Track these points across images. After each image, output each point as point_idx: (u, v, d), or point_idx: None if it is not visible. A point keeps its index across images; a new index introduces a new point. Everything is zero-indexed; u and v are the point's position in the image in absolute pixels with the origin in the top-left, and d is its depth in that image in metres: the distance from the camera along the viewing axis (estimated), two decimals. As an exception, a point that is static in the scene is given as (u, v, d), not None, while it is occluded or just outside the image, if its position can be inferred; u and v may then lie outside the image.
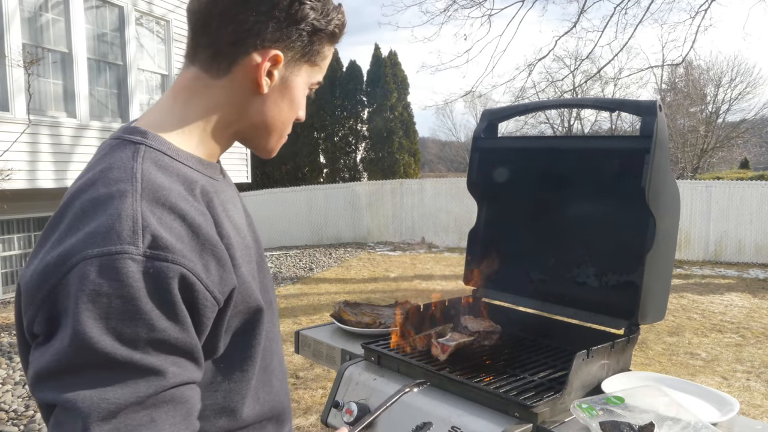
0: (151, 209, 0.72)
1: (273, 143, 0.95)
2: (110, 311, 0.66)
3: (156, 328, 0.68)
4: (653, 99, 1.62)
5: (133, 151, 0.80)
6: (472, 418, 1.36)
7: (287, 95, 0.90)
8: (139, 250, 0.68)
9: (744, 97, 22.73)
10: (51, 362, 0.67)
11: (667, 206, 1.62)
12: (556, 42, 9.60)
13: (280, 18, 0.84)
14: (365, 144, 19.37)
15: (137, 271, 0.67)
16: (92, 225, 0.70)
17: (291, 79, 0.89)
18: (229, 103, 0.88)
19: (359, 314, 2.05)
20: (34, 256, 0.75)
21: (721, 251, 10.94)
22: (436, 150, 42.85)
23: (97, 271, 0.66)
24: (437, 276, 9.48)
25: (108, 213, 0.70)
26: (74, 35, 7.57)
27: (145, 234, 0.69)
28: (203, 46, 0.86)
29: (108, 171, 0.77)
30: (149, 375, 0.68)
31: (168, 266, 0.69)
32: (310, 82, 0.93)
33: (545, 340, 1.84)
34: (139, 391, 0.67)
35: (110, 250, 0.67)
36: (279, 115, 0.91)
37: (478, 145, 2.02)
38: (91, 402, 0.65)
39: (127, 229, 0.69)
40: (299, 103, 0.93)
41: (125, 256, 0.67)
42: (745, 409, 4.19)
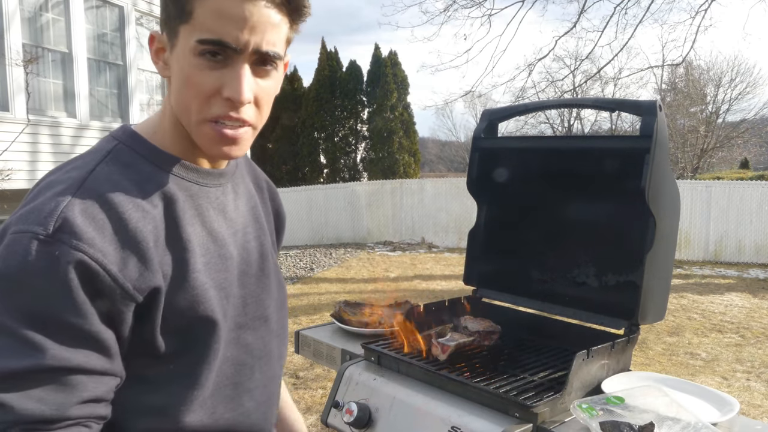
0: (82, 198, 0.74)
1: (195, 134, 0.83)
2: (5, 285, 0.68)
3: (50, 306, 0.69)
4: (653, 99, 1.62)
5: (106, 149, 0.83)
6: (472, 418, 1.36)
7: (178, 74, 0.81)
8: (46, 231, 0.70)
9: (744, 97, 22.77)
10: None
11: (667, 206, 1.62)
12: (556, 42, 9.61)
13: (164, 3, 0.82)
14: (365, 144, 19.37)
15: (36, 249, 0.69)
16: (29, 206, 0.74)
17: (174, 54, 0.81)
18: (168, 96, 0.88)
19: (359, 314, 2.05)
20: None
21: (721, 251, 10.94)
22: (436, 150, 42.85)
23: (6, 245, 0.70)
24: (437, 276, 9.48)
25: (44, 197, 0.74)
26: (74, 35, 7.57)
27: (58, 218, 0.71)
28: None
29: (73, 161, 0.82)
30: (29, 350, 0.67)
31: (68, 250, 0.70)
32: (190, 45, 0.78)
33: (545, 340, 1.83)
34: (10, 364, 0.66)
35: (21, 229, 0.71)
36: (178, 98, 0.82)
37: (478, 145, 2.02)
38: None
39: (45, 212, 0.72)
40: (191, 77, 0.79)
41: (30, 234, 0.70)
42: (745, 409, 4.19)
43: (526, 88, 10.66)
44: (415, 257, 11.34)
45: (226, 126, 0.81)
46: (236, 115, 0.81)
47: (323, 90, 18.43)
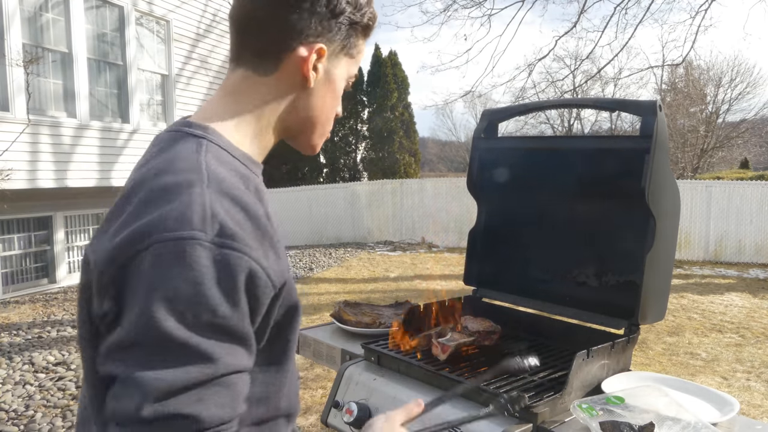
0: (218, 199, 0.75)
1: (317, 138, 0.99)
2: (177, 294, 0.68)
3: (218, 314, 0.70)
4: (653, 99, 1.61)
5: (196, 144, 0.83)
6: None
7: (330, 88, 0.95)
8: (208, 237, 0.71)
9: (744, 97, 22.76)
10: (119, 338, 0.70)
11: (667, 206, 1.62)
12: (556, 42, 9.60)
13: (321, 13, 0.89)
14: (365, 144, 19.37)
15: (206, 257, 0.70)
16: (164, 210, 0.72)
17: (333, 72, 0.94)
18: (277, 99, 0.92)
19: (359, 314, 2.05)
20: (101, 236, 0.78)
21: (721, 251, 10.94)
22: (436, 150, 42.83)
23: (168, 254, 0.69)
24: (437, 276, 9.48)
25: (179, 200, 0.73)
26: (74, 35, 7.57)
27: (214, 222, 0.72)
28: (249, 47, 0.91)
29: (174, 161, 0.80)
30: (204, 361, 0.70)
31: (236, 255, 0.72)
32: (349, 74, 0.97)
33: (545, 340, 1.84)
34: (191, 376, 0.69)
35: (182, 235, 0.70)
36: (324, 107, 0.96)
37: (478, 145, 2.02)
38: (149, 382, 0.67)
39: (197, 216, 0.72)
40: (339, 95, 0.98)
41: (195, 241, 0.70)
42: (745, 409, 4.19)
43: (526, 88, 10.64)
44: (415, 257, 11.34)
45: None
46: None
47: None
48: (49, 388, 4.46)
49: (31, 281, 8.04)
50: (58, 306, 7.11)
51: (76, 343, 4.69)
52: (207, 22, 10.21)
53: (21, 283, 7.89)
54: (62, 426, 3.85)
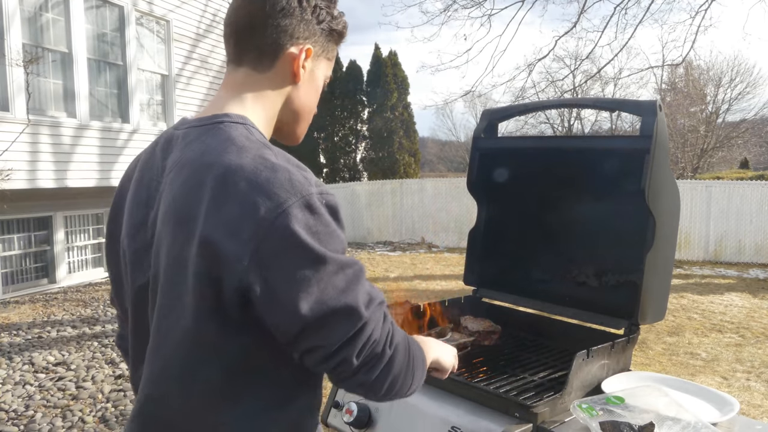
0: (291, 164, 0.91)
1: (301, 129, 1.14)
2: (321, 235, 0.87)
3: (342, 239, 0.92)
4: (653, 99, 1.61)
5: (245, 129, 0.97)
6: (472, 418, 1.36)
7: (314, 85, 1.10)
8: (316, 190, 0.89)
9: (744, 97, 22.76)
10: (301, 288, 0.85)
11: (667, 206, 1.62)
12: (556, 42, 9.61)
13: (308, 19, 1.04)
14: (365, 144, 19.37)
15: (321, 204, 0.88)
16: (275, 179, 0.87)
17: (316, 71, 1.09)
18: (274, 92, 1.06)
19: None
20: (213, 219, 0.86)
21: (721, 251, 10.94)
22: (436, 150, 42.81)
23: (301, 210, 0.86)
24: (437, 276, 9.48)
25: (278, 169, 0.88)
26: (74, 35, 7.57)
27: (310, 179, 0.90)
28: (249, 49, 1.04)
29: (239, 140, 0.93)
30: (358, 267, 0.92)
31: (331, 197, 0.91)
32: (326, 75, 1.13)
33: (545, 340, 1.84)
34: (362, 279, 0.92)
35: (303, 194, 0.87)
36: (308, 102, 1.11)
37: (478, 145, 2.02)
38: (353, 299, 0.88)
39: (301, 178, 0.88)
40: (320, 93, 1.13)
41: (313, 196, 0.88)
42: (745, 409, 4.19)
43: (526, 88, 10.68)
44: (415, 257, 11.34)
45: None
46: None
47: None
48: (49, 388, 4.46)
49: (31, 281, 8.04)
50: (58, 306, 7.11)
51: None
52: (207, 22, 10.21)
53: (21, 283, 7.89)
54: (62, 426, 3.84)
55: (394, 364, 0.93)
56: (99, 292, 7.90)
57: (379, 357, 0.91)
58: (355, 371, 0.89)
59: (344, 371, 0.89)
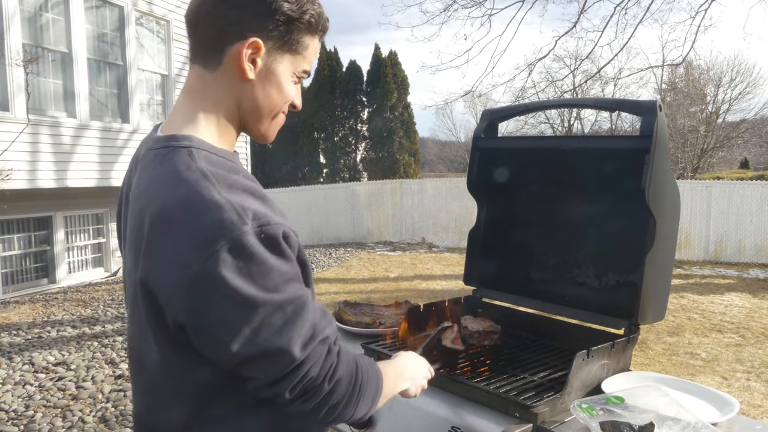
0: (232, 194, 0.87)
1: (265, 127, 1.04)
2: (255, 276, 0.83)
3: (284, 273, 0.87)
4: (653, 99, 1.61)
5: (188, 155, 0.91)
6: (472, 418, 1.36)
7: (273, 81, 0.99)
8: (249, 226, 0.83)
9: (744, 97, 22.74)
10: (232, 331, 0.83)
11: (667, 206, 1.62)
12: (556, 42, 9.61)
13: (257, 10, 0.95)
14: (365, 144, 19.37)
15: (255, 240, 0.83)
16: (206, 222, 0.83)
17: (274, 66, 0.99)
18: (227, 93, 0.98)
19: (359, 314, 2.04)
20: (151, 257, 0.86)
21: (721, 251, 10.94)
22: (436, 150, 42.81)
23: (232, 254, 0.82)
24: (437, 276, 9.48)
25: (210, 208, 0.84)
26: (74, 35, 7.57)
27: (246, 211, 0.85)
28: (199, 45, 0.98)
29: (179, 173, 0.89)
30: (300, 303, 0.88)
31: (272, 227, 0.86)
32: (295, 70, 1.02)
33: (545, 340, 1.83)
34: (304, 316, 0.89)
35: (233, 236, 0.82)
36: (267, 100, 1.00)
37: (478, 145, 2.02)
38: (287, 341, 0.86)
39: (234, 214, 0.83)
40: (287, 89, 1.01)
41: (245, 236, 0.83)
42: (745, 409, 4.19)
43: (526, 88, 10.66)
44: (415, 257, 11.34)
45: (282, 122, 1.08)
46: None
47: (323, 90, 18.42)
48: (49, 388, 4.46)
49: (31, 281, 8.04)
50: (58, 306, 7.11)
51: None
52: (207, 22, 10.21)
53: (21, 283, 7.89)
54: (62, 426, 3.85)
55: (333, 396, 0.92)
56: (99, 292, 7.90)
57: (315, 390, 0.90)
58: (289, 402, 0.90)
59: (279, 401, 0.91)
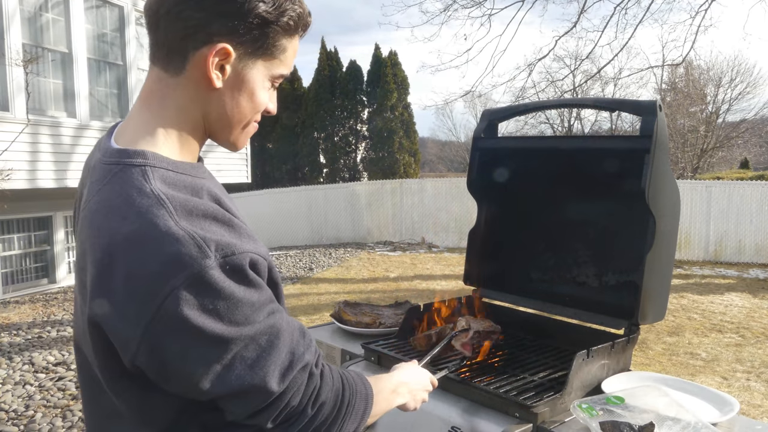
0: (192, 223, 0.78)
1: (235, 136, 0.94)
2: (221, 312, 0.76)
3: (254, 302, 0.80)
4: (653, 99, 1.62)
5: (141, 175, 0.82)
6: (472, 418, 1.36)
7: (244, 89, 0.90)
8: (212, 259, 0.76)
9: (744, 97, 22.71)
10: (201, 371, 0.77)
11: (667, 206, 1.62)
12: (556, 42, 9.60)
13: (226, 12, 0.84)
14: (365, 144, 19.38)
15: (220, 273, 0.76)
16: (160, 257, 0.74)
17: (246, 73, 0.89)
18: (191, 101, 0.88)
19: (359, 314, 2.05)
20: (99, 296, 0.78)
21: (721, 251, 10.94)
22: (436, 150, 42.82)
23: (193, 291, 0.74)
24: (437, 276, 9.48)
25: (165, 242, 0.75)
26: (74, 35, 7.57)
27: (209, 243, 0.76)
28: (158, 44, 0.87)
29: (129, 199, 0.79)
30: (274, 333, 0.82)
31: (237, 257, 0.78)
32: (271, 75, 0.92)
33: (545, 340, 1.84)
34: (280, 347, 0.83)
35: (193, 271, 0.74)
36: (237, 109, 0.91)
37: (478, 145, 2.02)
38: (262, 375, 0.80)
39: (193, 248, 0.75)
40: (259, 97, 0.92)
41: (206, 270, 0.75)
42: (745, 409, 4.19)
43: (526, 88, 10.62)
44: (415, 257, 11.34)
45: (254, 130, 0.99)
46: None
47: (323, 90, 18.42)
48: (49, 388, 4.46)
49: (31, 281, 8.04)
50: (58, 306, 7.11)
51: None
52: (207, 22, 10.21)
53: (21, 283, 7.89)
54: (62, 426, 3.84)
55: (317, 419, 0.88)
56: (99, 292, 7.90)
57: (298, 416, 0.86)
58: (271, 430, 0.85)
59: (260, 428, 0.86)
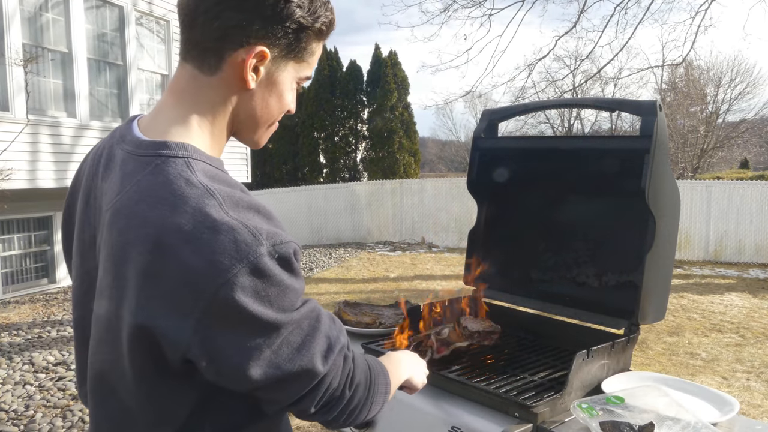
0: (239, 213, 0.80)
1: (260, 135, 0.98)
2: (272, 298, 0.79)
3: (298, 290, 0.83)
4: (653, 99, 1.62)
5: (186, 166, 0.83)
6: (472, 418, 1.36)
7: (274, 91, 0.93)
8: (264, 247, 0.78)
9: (744, 97, 22.73)
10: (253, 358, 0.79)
11: (667, 206, 1.62)
12: (556, 42, 9.60)
13: (265, 15, 0.85)
14: (365, 144, 19.37)
15: (271, 261, 0.78)
16: (217, 245, 0.76)
17: (277, 75, 0.91)
18: (224, 100, 0.90)
19: (359, 314, 2.05)
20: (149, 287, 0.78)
21: (721, 251, 10.94)
22: (436, 150, 42.83)
23: (249, 278, 0.76)
24: (437, 276, 9.48)
25: (222, 230, 0.77)
26: (74, 35, 7.57)
27: (258, 231, 0.79)
28: (193, 42, 0.88)
29: (178, 190, 0.80)
30: (315, 318, 0.86)
31: (285, 246, 0.81)
32: (298, 77, 0.95)
33: (545, 340, 1.84)
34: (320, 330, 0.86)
35: (249, 258, 0.76)
36: (266, 109, 0.94)
37: (478, 145, 2.02)
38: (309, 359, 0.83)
39: (248, 236, 0.77)
40: (287, 97, 0.95)
41: (262, 258, 0.77)
42: (745, 409, 4.19)
43: (526, 88, 10.66)
44: (415, 257, 11.34)
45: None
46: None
47: (323, 90, 18.42)
48: (49, 388, 4.46)
49: (31, 281, 8.04)
50: (58, 306, 7.11)
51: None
52: (207, 22, 10.21)
53: (21, 283, 7.89)
54: (62, 426, 3.85)
55: (353, 402, 0.92)
56: (99, 292, 7.90)
57: (337, 400, 0.90)
58: (312, 415, 0.89)
59: (302, 415, 0.90)
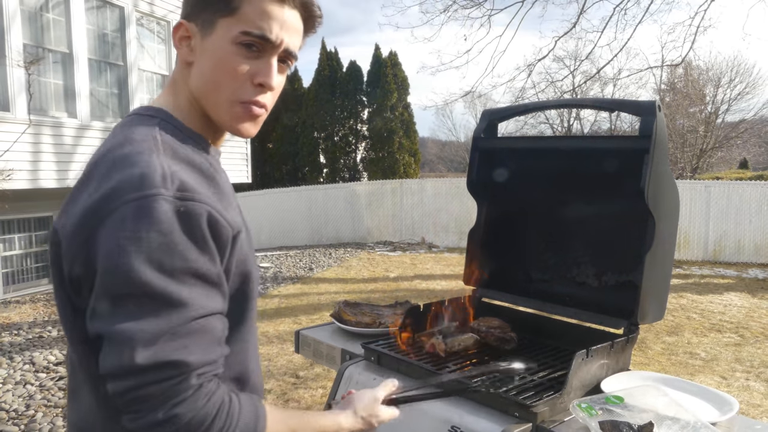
0: (173, 162, 0.81)
1: (226, 115, 0.92)
2: (150, 246, 0.73)
3: (189, 260, 0.76)
4: (652, 99, 1.62)
5: (150, 123, 0.88)
6: (472, 417, 1.37)
7: (211, 57, 0.90)
8: (170, 192, 0.76)
9: (743, 98, 22.70)
10: (97, 297, 0.76)
11: (667, 206, 1.63)
12: (555, 42, 9.60)
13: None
14: (365, 144, 19.36)
15: (170, 210, 0.75)
16: (125, 174, 0.77)
17: (207, 41, 0.90)
18: (182, 78, 0.95)
19: (359, 314, 2.05)
20: (71, 205, 0.82)
21: (720, 251, 10.94)
22: (436, 150, 42.81)
23: (135, 212, 0.74)
24: (437, 276, 9.49)
25: (139, 165, 0.78)
26: (75, 35, 7.57)
27: (174, 179, 0.77)
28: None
29: (131, 135, 0.85)
30: (180, 306, 0.75)
31: (196, 205, 0.78)
32: (232, 35, 0.88)
33: (545, 340, 1.84)
34: (172, 321, 0.74)
35: (145, 194, 0.75)
36: (205, 78, 0.91)
37: (478, 145, 2.03)
38: (132, 333, 0.72)
39: (157, 176, 0.76)
40: (227, 63, 0.89)
41: (159, 197, 0.75)
42: (744, 408, 4.20)
43: (525, 88, 10.64)
44: (415, 257, 11.34)
45: (252, 108, 0.93)
46: (262, 100, 0.92)
47: (323, 90, 18.41)
48: (50, 387, 4.47)
49: (32, 281, 8.04)
50: (58, 306, 7.11)
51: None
52: (207, 23, 10.21)
53: (22, 282, 7.89)
54: (63, 426, 3.85)
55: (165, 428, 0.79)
56: (99, 292, 7.91)
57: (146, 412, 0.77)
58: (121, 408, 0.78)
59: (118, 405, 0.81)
